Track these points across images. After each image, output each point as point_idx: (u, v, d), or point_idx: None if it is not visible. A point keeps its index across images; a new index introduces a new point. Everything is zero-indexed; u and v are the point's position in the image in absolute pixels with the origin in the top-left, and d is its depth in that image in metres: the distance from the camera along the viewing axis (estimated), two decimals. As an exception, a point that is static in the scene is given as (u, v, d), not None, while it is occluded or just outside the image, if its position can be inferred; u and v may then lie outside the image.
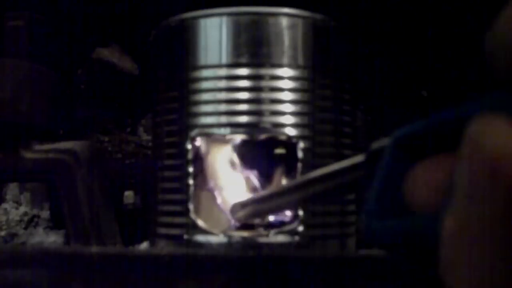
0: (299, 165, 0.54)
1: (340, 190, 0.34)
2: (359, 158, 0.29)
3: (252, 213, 0.50)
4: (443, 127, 0.21)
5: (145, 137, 0.82)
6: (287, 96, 0.55)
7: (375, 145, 0.26)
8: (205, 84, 0.55)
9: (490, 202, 0.16)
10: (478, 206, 0.16)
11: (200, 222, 0.54)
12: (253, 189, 0.60)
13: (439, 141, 0.21)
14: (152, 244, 0.60)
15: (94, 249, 0.41)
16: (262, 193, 0.49)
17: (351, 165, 0.31)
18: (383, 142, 0.24)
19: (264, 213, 0.52)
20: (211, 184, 0.58)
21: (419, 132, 0.22)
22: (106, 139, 0.80)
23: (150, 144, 0.79)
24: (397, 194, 0.22)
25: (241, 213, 0.52)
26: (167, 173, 0.57)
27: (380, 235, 0.22)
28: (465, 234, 0.17)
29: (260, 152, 0.61)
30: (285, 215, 0.57)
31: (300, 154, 0.54)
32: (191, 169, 0.55)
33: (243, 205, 0.52)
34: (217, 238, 0.54)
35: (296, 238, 0.53)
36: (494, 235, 0.16)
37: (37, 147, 0.68)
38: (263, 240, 0.53)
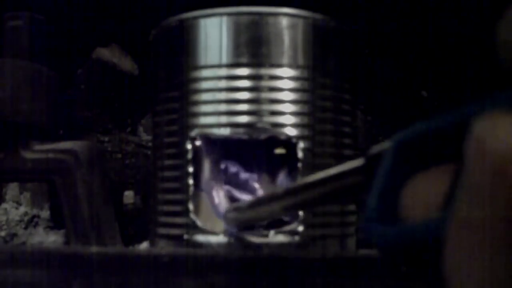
0: (299, 165, 0.54)
1: (339, 194, 0.34)
2: (358, 162, 0.29)
3: (246, 218, 0.49)
4: (445, 130, 0.20)
5: (145, 137, 0.82)
6: (287, 96, 0.55)
7: (375, 149, 0.26)
8: (205, 84, 0.55)
9: (494, 202, 0.16)
10: (481, 207, 0.16)
11: (200, 222, 0.54)
12: (253, 190, 0.60)
13: (441, 145, 0.21)
14: (152, 244, 0.60)
15: (94, 249, 0.41)
16: (258, 197, 0.48)
17: (350, 169, 0.30)
18: (383, 145, 0.24)
19: (259, 219, 0.50)
20: (211, 184, 0.58)
21: (420, 135, 0.22)
22: (106, 139, 0.80)
23: (150, 144, 0.79)
24: (397, 199, 0.22)
25: (235, 218, 0.50)
26: (167, 173, 0.57)
27: (380, 240, 0.22)
28: (468, 235, 0.17)
29: (260, 152, 0.61)
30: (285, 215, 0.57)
31: (300, 154, 0.54)
32: (191, 169, 0.55)
33: (236, 209, 0.50)
34: (217, 238, 0.54)
35: (296, 238, 0.53)
36: (498, 236, 0.16)
37: (37, 147, 0.68)
38: (263, 240, 0.53)
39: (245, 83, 0.54)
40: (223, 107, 0.54)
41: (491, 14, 0.78)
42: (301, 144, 0.54)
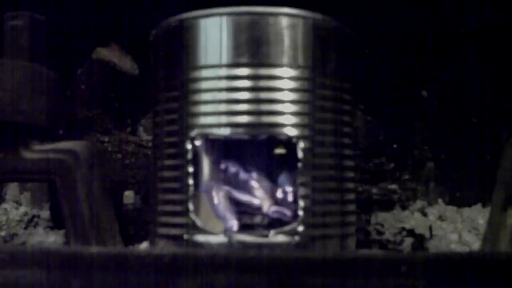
0: (299, 165, 0.54)
1: None
2: None
3: None
4: None
5: (145, 137, 0.82)
6: (287, 96, 0.55)
7: None
8: (205, 84, 0.55)
9: None
10: None
11: (200, 222, 0.54)
12: (253, 190, 0.60)
13: None
14: (152, 244, 0.60)
15: (94, 249, 0.41)
16: None
17: None
18: None
19: None
20: (211, 184, 0.58)
21: None
22: (106, 139, 0.80)
23: (150, 144, 0.79)
24: None
25: None
26: (167, 173, 0.57)
27: None
28: None
29: (260, 152, 0.61)
30: (285, 215, 0.57)
31: (300, 154, 0.54)
32: (191, 169, 0.55)
33: None
34: (217, 238, 0.54)
35: (296, 238, 0.53)
36: None
37: (37, 147, 0.68)
38: (263, 240, 0.53)
39: (245, 83, 0.54)
40: (223, 107, 0.54)
41: (491, 14, 0.78)
42: (301, 144, 0.54)
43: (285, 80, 0.55)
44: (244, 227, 0.57)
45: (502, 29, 0.78)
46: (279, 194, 0.59)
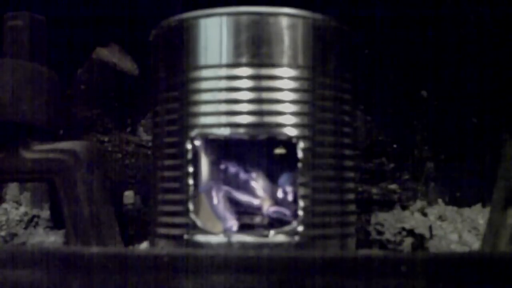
0: (299, 165, 0.54)
1: None
2: None
3: None
4: None
5: (145, 137, 0.82)
6: (287, 96, 0.55)
7: None
8: (205, 84, 0.55)
9: None
10: None
11: (200, 222, 0.54)
12: (253, 190, 0.60)
13: None
14: (152, 244, 0.60)
15: (94, 249, 0.41)
16: None
17: None
18: None
19: None
20: (210, 185, 0.58)
21: None
22: (106, 139, 0.80)
23: (150, 144, 0.79)
24: None
25: None
26: (167, 173, 0.57)
27: None
28: None
29: (260, 152, 0.61)
30: (285, 215, 0.57)
31: (300, 154, 0.54)
32: (191, 169, 0.55)
33: None
34: (217, 238, 0.54)
35: (296, 238, 0.54)
36: None
37: (37, 147, 0.68)
38: (263, 240, 0.53)
39: (245, 83, 0.54)
40: (223, 107, 0.54)
41: (491, 13, 0.78)
42: (301, 144, 0.54)
43: (285, 80, 0.55)
44: (244, 227, 0.57)
45: (502, 28, 0.78)
46: (279, 194, 0.59)
